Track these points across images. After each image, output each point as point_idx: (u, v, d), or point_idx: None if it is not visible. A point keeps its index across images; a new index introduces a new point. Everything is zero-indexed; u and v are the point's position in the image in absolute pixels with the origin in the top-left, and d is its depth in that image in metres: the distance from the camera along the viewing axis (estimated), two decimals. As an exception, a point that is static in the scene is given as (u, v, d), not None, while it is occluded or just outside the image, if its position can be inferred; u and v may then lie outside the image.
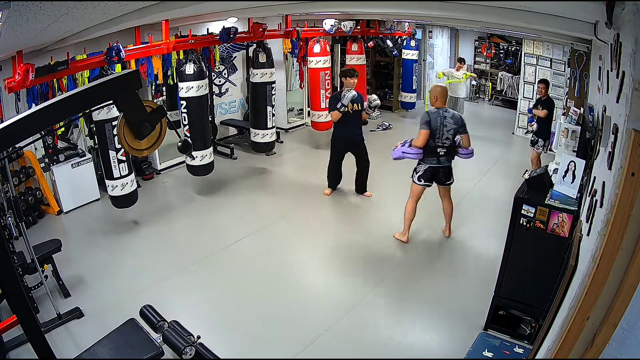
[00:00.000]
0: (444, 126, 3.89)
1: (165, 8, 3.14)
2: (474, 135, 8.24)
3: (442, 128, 3.89)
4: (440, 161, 3.99)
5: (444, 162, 4.01)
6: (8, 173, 3.15)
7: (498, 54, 10.43)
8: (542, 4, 2.40)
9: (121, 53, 4.17)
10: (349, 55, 7.42)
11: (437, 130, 3.88)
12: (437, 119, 3.89)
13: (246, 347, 2.99)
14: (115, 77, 1.89)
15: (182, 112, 4.90)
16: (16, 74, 3.55)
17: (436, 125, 3.88)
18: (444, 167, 4.03)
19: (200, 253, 4.09)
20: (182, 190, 5.51)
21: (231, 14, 5.16)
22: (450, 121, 3.92)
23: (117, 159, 4.19)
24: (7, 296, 1.76)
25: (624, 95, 1.22)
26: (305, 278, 3.84)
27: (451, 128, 3.92)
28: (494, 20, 3.88)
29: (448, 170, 4.08)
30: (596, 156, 1.96)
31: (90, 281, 3.68)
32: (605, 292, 1.24)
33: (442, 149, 3.96)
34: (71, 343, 2.99)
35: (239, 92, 7.40)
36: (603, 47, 2.57)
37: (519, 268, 2.90)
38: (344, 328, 3.18)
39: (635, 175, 1.13)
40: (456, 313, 3.33)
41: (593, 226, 1.39)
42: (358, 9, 5.35)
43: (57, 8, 1.92)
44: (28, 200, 4.56)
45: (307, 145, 7.26)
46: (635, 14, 1.14)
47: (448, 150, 3.99)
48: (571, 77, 5.90)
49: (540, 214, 2.69)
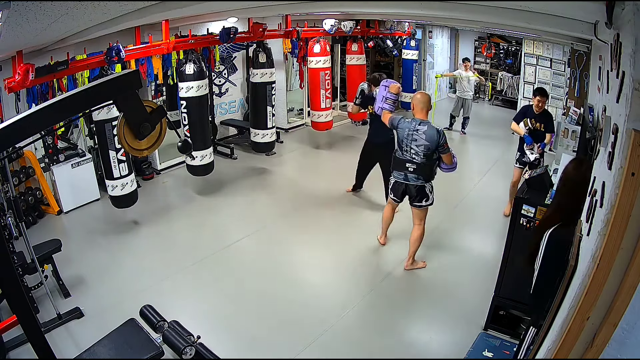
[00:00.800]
0: (413, 140, 3.45)
1: (165, 8, 3.14)
2: (475, 134, 8.26)
3: (409, 141, 3.47)
4: (408, 178, 3.56)
5: (412, 180, 3.56)
6: (8, 173, 3.15)
7: (498, 54, 10.43)
8: (542, 4, 2.40)
9: (121, 53, 4.17)
10: (349, 55, 7.42)
11: (403, 142, 3.51)
12: (406, 130, 3.49)
13: (246, 347, 3.00)
14: (115, 77, 1.89)
15: (182, 112, 4.90)
16: (16, 74, 3.55)
17: (403, 135, 3.50)
18: (412, 185, 3.59)
19: (200, 253, 4.09)
20: (182, 190, 5.51)
21: (231, 14, 5.16)
22: (422, 136, 3.42)
23: (117, 159, 4.19)
24: (7, 296, 1.76)
25: (624, 95, 1.22)
26: (305, 278, 3.84)
27: (422, 144, 3.42)
28: (494, 20, 3.88)
29: (419, 190, 3.60)
30: (596, 156, 1.96)
31: (90, 281, 3.69)
32: (605, 292, 1.24)
33: (412, 165, 3.51)
34: (71, 343, 2.99)
35: (239, 92, 7.40)
36: (603, 47, 2.57)
37: (519, 268, 2.90)
38: (344, 328, 3.18)
39: (635, 175, 1.13)
40: (456, 313, 3.33)
41: (593, 226, 1.39)
42: (358, 9, 5.35)
43: (57, 8, 1.92)
44: (28, 200, 4.56)
45: (307, 145, 7.26)
46: (635, 14, 1.14)
47: (419, 168, 3.50)
48: (571, 77, 5.89)
49: (540, 214, 2.69)
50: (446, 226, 4.61)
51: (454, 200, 5.22)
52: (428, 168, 3.53)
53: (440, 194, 5.06)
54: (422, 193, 3.61)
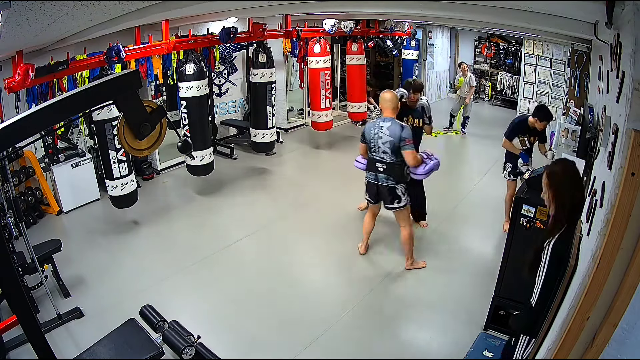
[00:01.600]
0: (379, 138, 3.40)
1: (165, 8, 3.14)
2: (475, 134, 8.26)
3: (376, 140, 3.43)
4: (378, 178, 3.53)
5: (382, 181, 3.52)
6: (8, 173, 3.15)
7: (498, 54, 10.43)
8: (542, 4, 2.41)
9: (121, 53, 4.17)
10: (349, 55, 7.42)
11: (371, 142, 3.47)
12: (372, 130, 3.45)
13: (246, 347, 3.00)
14: (115, 77, 1.89)
15: (182, 112, 4.90)
16: (16, 74, 3.55)
17: (370, 136, 3.47)
18: (383, 186, 3.54)
19: (200, 253, 4.09)
20: (182, 190, 5.52)
21: (231, 14, 5.16)
22: (386, 132, 3.37)
23: (117, 159, 4.19)
24: (7, 296, 1.76)
25: (624, 95, 1.22)
26: (305, 278, 3.84)
27: (387, 141, 3.37)
28: (494, 20, 3.88)
29: (390, 191, 3.53)
30: (596, 156, 1.96)
31: (90, 281, 3.69)
32: (605, 292, 1.24)
33: (382, 165, 3.47)
34: (71, 343, 2.99)
35: (239, 92, 7.41)
36: (603, 47, 2.57)
37: (518, 268, 2.90)
38: (344, 328, 3.18)
39: (635, 175, 1.13)
40: (456, 313, 3.33)
41: (593, 226, 1.39)
42: (358, 9, 5.35)
43: (57, 8, 1.92)
44: (28, 200, 4.56)
45: (307, 145, 7.26)
46: (635, 14, 1.14)
47: (389, 168, 3.45)
48: (571, 77, 5.90)
49: (540, 214, 2.69)
50: (446, 226, 4.61)
51: (453, 201, 5.22)
52: (398, 168, 3.46)
53: (440, 194, 5.08)
54: (393, 194, 3.54)
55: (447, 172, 6.16)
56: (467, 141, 7.88)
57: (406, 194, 3.60)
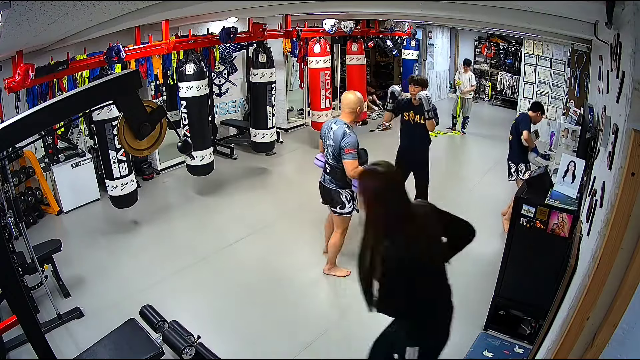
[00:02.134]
0: (328, 139, 3.31)
1: (165, 8, 3.15)
2: (475, 134, 8.25)
3: (325, 139, 3.36)
4: (325, 179, 3.46)
5: (326, 182, 3.44)
6: (8, 173, 3.15)
7: (498, 54, 10.43)
8: (542, 4, 2.41)
9: (121, 53, 4.17)
10: (349, 55, 7.42)
11: (324, 140, 3.41)
12: (324, 128, 3.38)
13: (246, 347, 2.99)
14: (115, 77, 1.89)
15: (182, 112, 4.90)
16: (16, 74, 3.55)
17: (322, 134, 3.41)
18: (326, 187, 3.46)
19: (200, 253, 4.09)
20: (182, 190, 5.51)
21: (231, 14, 5.16)
22: (331, 136, 3.26)
23: (117, 159, 4.19)
24: (7, 296, 1.76)
25: (624, 95, 1.22)
26: (305, 278, 3.83)
27: (330, 144, 3.27)
28: (494, 20, 3.88)
29: (334, 194, 3.42)
30: (596, 156, 1.97)
31: (90, 281, 3.68)
32: (605, 292, 1.24)
33: (328, 166, 3.39)
34: (71, 343, 2.98)
35: (239, 92, 7.40)
36: (603, 47, 2.57)
37: (519, 268, 2.90)
38: (345, 328, 3.18)
39: (635, 175, 1.13)
40: (456, 313, 3.31)
41: (593, 226, 1.39)
42: (358, 9, 5.35)
43: (57, 8, 1.93)
44: (28, 200, 4.56)
45: (307, 145, 7.25)
46: (635, 14, 1.15)
47: (333, 171, 3.36)
48: (571, 77, 5.90)
49: (540, 214, 2.69)
50: (446, 226, 4.60)
51: (453, 201, 5.21)
52: (340, 173, 3.31)
53: (440, 193, 5.08)
54: (337, 198, 3.41)
55: (448, 172, 6.19)
56: (468, 141, 7.88)
57: (352, 202, 3.46)
